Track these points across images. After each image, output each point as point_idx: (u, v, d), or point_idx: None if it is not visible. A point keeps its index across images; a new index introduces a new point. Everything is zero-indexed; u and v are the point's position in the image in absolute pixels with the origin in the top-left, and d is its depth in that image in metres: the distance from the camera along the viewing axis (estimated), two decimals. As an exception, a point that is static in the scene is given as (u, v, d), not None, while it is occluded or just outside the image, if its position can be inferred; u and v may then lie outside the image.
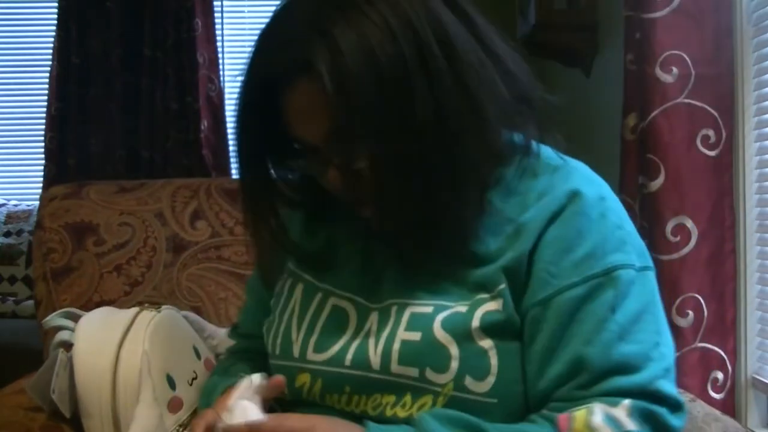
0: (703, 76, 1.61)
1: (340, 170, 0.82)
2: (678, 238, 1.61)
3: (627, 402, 0.78)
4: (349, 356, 0.88)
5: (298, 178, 0.96)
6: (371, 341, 0.87)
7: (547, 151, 0.91)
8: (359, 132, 0.77)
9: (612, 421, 0.77)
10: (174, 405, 1.13)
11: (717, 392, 1.63)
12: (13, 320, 2.89)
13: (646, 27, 1.62)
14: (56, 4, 3.32)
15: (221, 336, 1.30)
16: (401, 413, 0.84)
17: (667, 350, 0.83)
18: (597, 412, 0.77)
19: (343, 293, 0.92)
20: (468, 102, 0.79)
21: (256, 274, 1.10)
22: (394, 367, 0.84)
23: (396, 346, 0.84)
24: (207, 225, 1.41)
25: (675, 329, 1.59)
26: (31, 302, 2.94)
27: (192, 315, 1.29)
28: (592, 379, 0.79)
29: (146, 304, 1.25)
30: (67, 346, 1.14)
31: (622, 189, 1.73)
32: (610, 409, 0.78)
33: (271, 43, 0.82)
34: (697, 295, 1.61)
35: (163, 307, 1.23)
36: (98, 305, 1.33)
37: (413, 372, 0.83)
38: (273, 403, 0.93)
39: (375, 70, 0.74)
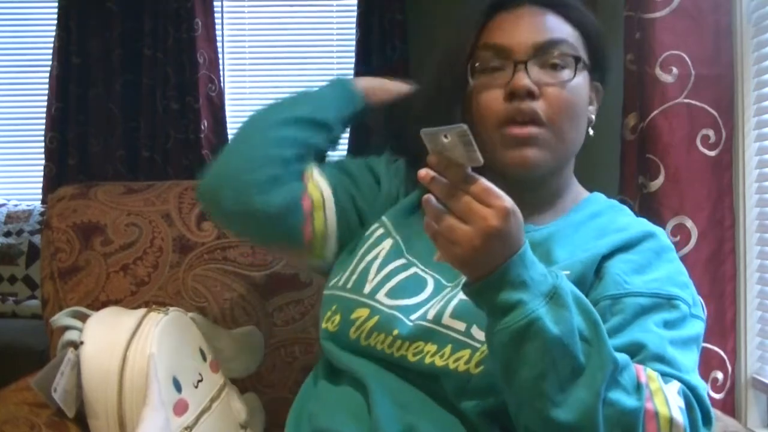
0: (703, 76, 1.61)
1: (533, 77, 0.99)
2: (678, 238, 1.61)
3: (677, 383, 0.84)
4: (415, 315, 0.95)
5: None
6: (438, 303, 0.96)
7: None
8: (575, 55, 1.02)
9: (663, 391, 0.82)
10: (179, 407, 1.13)
11: (717, 392, 1.63)
12: (13, 320, 2.89)
13: (646, 27, 1.62)
14: (56, 4, 3.32)
15: (226, 338, 1.31)
16: (439, 362, 0.92)
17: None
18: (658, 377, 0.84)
19: (425, 269, 1.00)
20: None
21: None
22: (445, 318, 0.93)
23: (454, 302, 0.92)
24: (213, 226, 1.41)
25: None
26: (31, 302, 2.95)
27: (198, 317, 1.30)
28: (647, 359, 0.86)
29: (154, 306, 1.26)
30: (75, 345, 1.14)
31: (622, 189, 1.73)
32: (663, 382, 0.84)
33: None
34: (697, 295, 1.61)
35: (171, 308, 1.24)
36: (105, 304, 1.34)
37: (460, 326, 0.92)
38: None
39: (595, 32, 1.06)
